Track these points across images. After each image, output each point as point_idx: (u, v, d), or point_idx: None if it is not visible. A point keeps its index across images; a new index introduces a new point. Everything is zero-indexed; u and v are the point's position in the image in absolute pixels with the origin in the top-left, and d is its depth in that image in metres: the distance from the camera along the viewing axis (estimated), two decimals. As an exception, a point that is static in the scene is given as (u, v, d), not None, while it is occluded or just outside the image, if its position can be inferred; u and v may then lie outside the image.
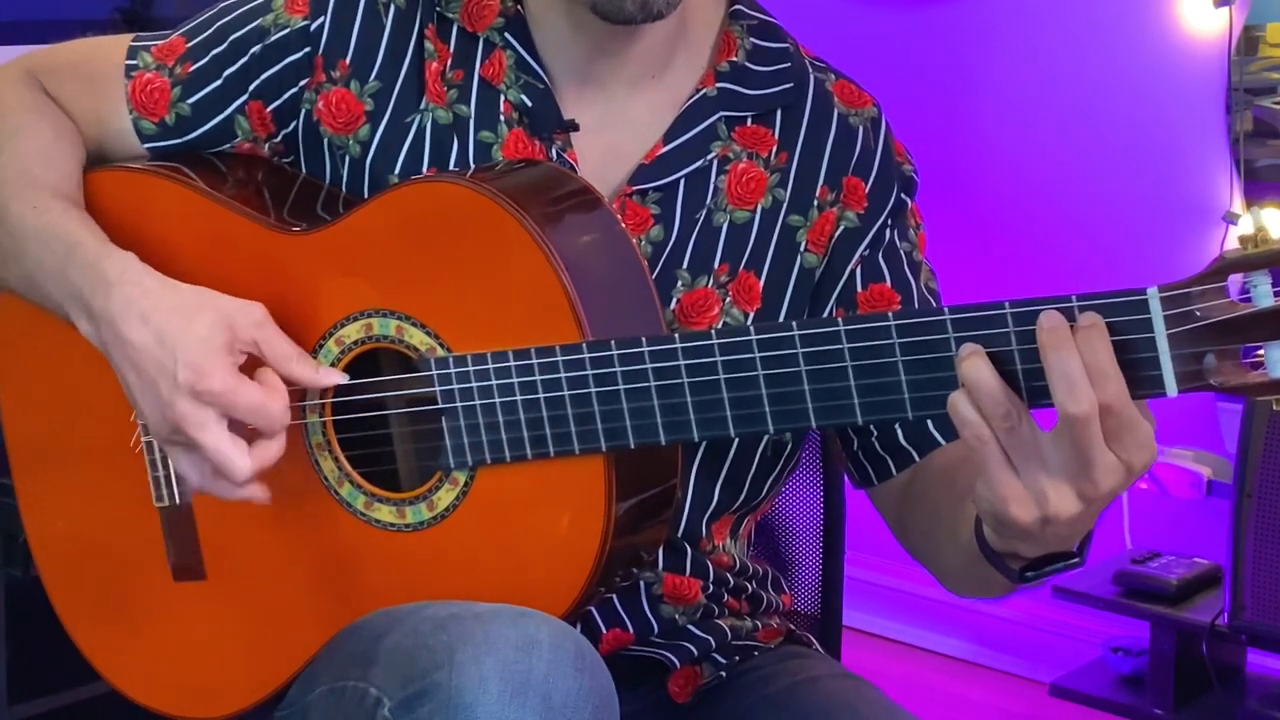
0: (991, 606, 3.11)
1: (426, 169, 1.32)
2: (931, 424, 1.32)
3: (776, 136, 1.35)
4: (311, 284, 1.27)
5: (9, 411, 1.44)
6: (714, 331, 1.15)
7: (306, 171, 1.38)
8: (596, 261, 1.22)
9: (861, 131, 1.38)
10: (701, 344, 1.14)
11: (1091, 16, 2.97)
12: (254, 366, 1.22)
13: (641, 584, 1.33)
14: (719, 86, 1.34)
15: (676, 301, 1.31)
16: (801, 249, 1.34)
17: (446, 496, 1.23)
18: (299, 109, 1.36)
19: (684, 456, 1.25)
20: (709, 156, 1.33)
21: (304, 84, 1.35)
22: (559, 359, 1.17)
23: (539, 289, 1.18)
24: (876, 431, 1.34)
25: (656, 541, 1.28)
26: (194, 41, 1.38)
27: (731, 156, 1.34)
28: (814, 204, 1.35)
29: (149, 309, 1.21)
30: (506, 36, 1.34)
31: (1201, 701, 2.69)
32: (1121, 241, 2.97)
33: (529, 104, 1.33)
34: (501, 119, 1.33)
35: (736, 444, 1.33)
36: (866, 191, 1.36)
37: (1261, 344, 1.01)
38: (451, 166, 1.32)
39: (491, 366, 1.19)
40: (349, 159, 1.35)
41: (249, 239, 1.29)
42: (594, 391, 1.17)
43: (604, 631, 1.32)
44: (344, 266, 1.26)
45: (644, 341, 1.16)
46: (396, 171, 1.33)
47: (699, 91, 1.34)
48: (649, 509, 1.23)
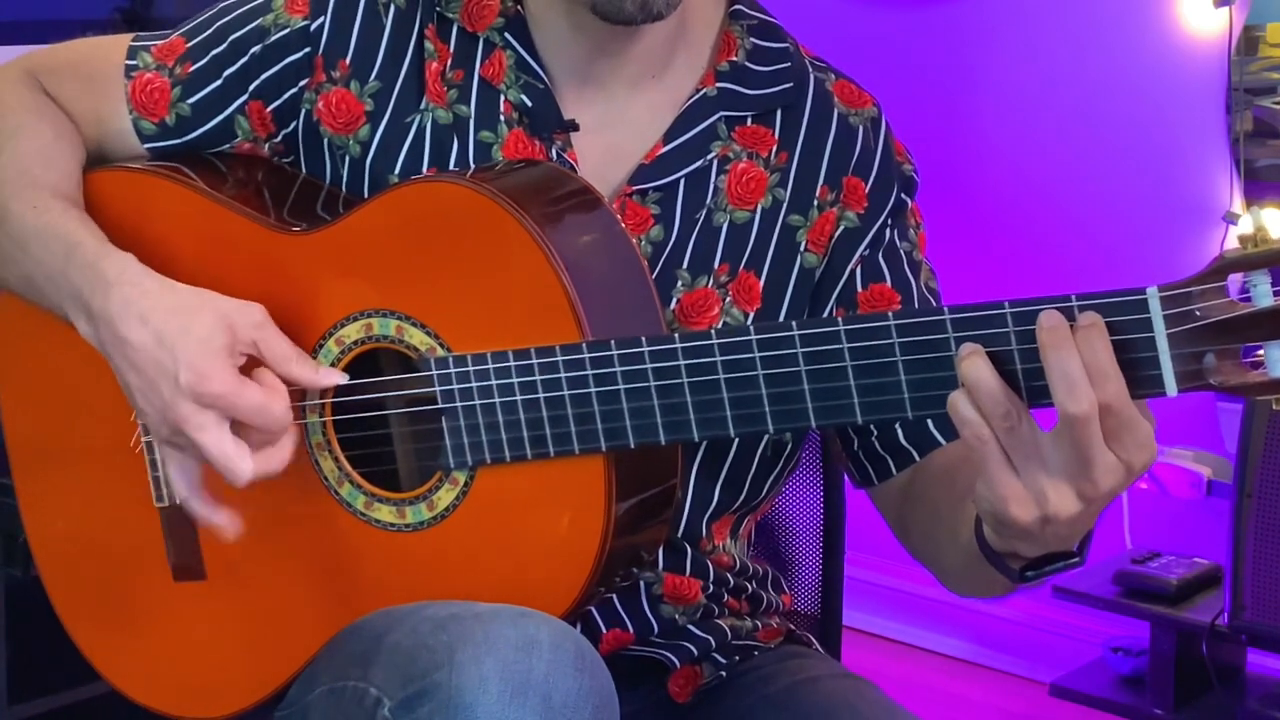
0: (991, 606, 3.11)
1: (426, 169, 1.32)
2: (931, 424, 1.32)
3: (776, 136, 1.35)
4: (311, 284, 1.27)
5: (9, 411, 1.44)
6: (714, 331, 1.15)
7: (306, 171, 1.38)
8: (596, 261, 1.22)
9: (861, 131, 1.38)
10: (701, 344, 1.14)
11: (1091, 16, 2.97)
12: (253, 367, 1.22)
13: (641, 584, 1.33)
14: (719, 86, 1.34)
15: (676, 301, 1.31)
16: (801, 249, 1.34)
17: (446, 496, 1.23)
18: (299, 109, 1.36)
19: (684, 456, 1.25)
20: (709, 156, 1.33)
21: (304, 84, 1.35)
22: (559, 359, 1.17)
23: (539, 289, 1.18)
24: (876, 431, 1.34)
25: (656, 541, 1.28)
26: (194, 41, 1.38)
27: (731, 156, 1.34)
28: (814, 204, 1.35)
29: (148, 309, 1.21)
30: (506, 36, 1.34)
31: (1201, 701, 2.68)
32: (1121, 241, 2.97)
33: (529, 104, 1.32)
34: (501, 119, 1.33)
35: (736, 444, 1.33)
36: (866, 191, 1.36)
37: (1261, 343, 1.01)
38: (451, 166, 1.32)
39: (491, 366, 1.19)
40: (349, 159, 1.35)
41: (249, 239, 1.29)
42: (594, 391, 1.17)
43: (604, 631, 1.32)
44: (344, 266, 1.26)
45: (644, 341, 1.16)
46: (396, 171, 1.33)
47: (699, 91, 1.34)
48: (649, 509, 1.23)
